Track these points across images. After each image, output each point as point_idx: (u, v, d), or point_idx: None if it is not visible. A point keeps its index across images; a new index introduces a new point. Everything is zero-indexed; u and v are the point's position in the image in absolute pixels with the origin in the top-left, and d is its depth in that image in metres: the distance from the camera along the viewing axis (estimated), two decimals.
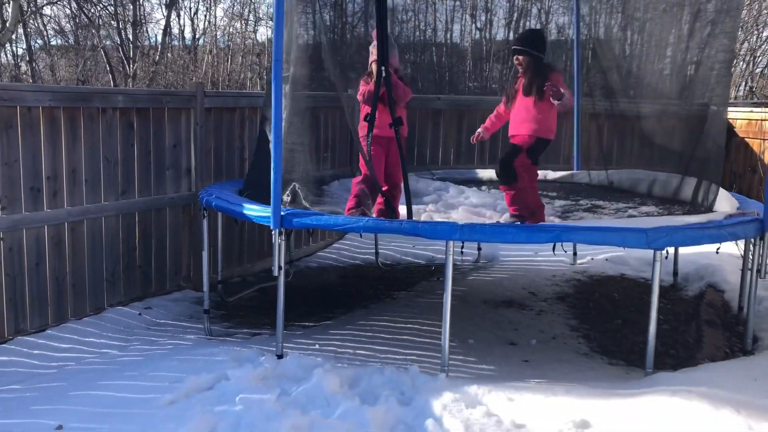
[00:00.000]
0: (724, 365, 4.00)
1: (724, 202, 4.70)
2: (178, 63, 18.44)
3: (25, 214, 4.58)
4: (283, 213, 4.04)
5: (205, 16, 24.43)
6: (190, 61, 18.71)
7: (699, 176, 5.03)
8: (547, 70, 4.74)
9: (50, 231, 4.76)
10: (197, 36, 20.58)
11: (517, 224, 4.57)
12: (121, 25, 17.37)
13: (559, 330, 5.00)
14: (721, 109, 4.93)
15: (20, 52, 19.13)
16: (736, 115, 7.70)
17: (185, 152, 5.77)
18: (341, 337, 4.71)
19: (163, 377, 3.80)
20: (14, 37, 15.79)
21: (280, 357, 4.06)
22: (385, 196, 4.77)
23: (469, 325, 4.99)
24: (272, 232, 4.04)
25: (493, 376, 4.02)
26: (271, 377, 3.68)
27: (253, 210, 4.28)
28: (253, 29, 20.24)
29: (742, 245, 4.67)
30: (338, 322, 5.14)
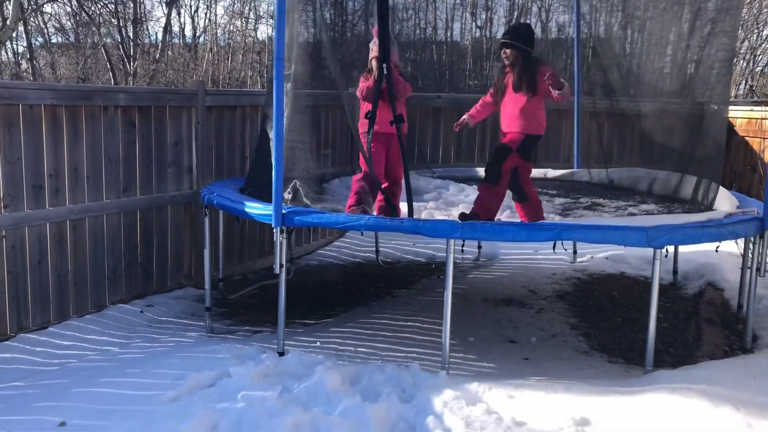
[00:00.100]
0: (724, 363, 4.01)
1: (724, 201, 4.71)
2: (179, 61, 18.43)
3: (28, 211, 4.59)
4: (284, 211, 4.05)
5: (206, 14, 24.41)
6: (191, 59, 18.70)
7: (699, 175, 5.04)
8: (535, 64, 4.73)
9: (52, 229, 4.77)
10: (198, 34, 20.59)
11: (518, 223, 4.59)
12: (121, 23, 17.36)
13: (559, 328, 5.02)
14: (722, 107, 4.94)
15: (21, 49, 19.15)
16: (737, 114, 7.71)
17: (187, 150, 5.78)
18: (342, 335, 4.73)
19: (165, 374, 3.82)
20: (15, 34, 15.79)
21: (282, 354, 4.08)
22: (385, 193, 4.79)
23: (469, 323, 5.01)
24: (273, 230, 4.05)
25: (494, 374, 4.04)
26: (273, 374, 3.69)
27: (255, 208, 4.29)
28: (254, 27, 20.25)
29: (742, 244, 4.68)
30: (339, 319, 5.16)
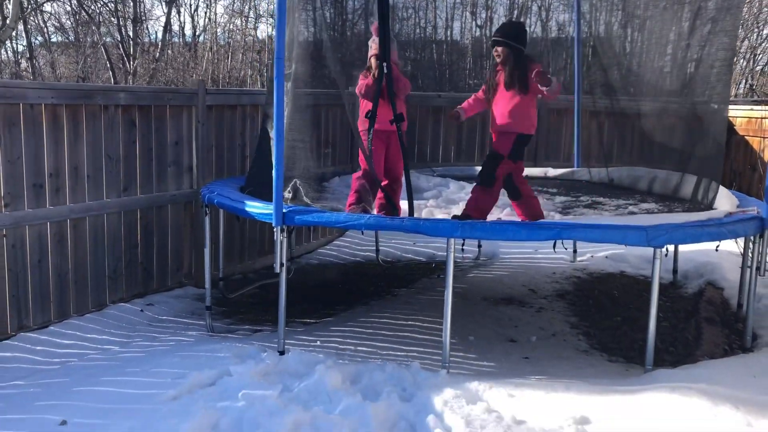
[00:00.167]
0: (724, 362, 4.01)
1: (724, 200, 4.72)
2: (179, 60, 18.43)
3: (28, 210, 4.60)
4: (285, 210, 4.05)
5: (206, 13, 24.41)
6: (191, 58, 18.70)
7: (699, 174, 5.04)
8: (527, 62, 4.73)
9: (53, 228, 4.78)
10: (197, 33, 20.59)
11: (518, 222, 4.59)
12: (121, 22, 17.37)
13: (559, 327, 5.02)
14: (722, 106, 4.94)
15: (20, 48, 19.16)
16: (737, 113, 7.71)
17: (187, 149, 5.78)
18: (342, 334, 4.74)
19: (166, 373, 3.82)
20: (14, 34, 15.78)
21: (282, 353, 4.08)
22: (385, 191, 4.79)
23: (469, 322, 5.02)
24: (274, 229, 4.05)
25: (494, 373, 4.05)
26: (273, 373, 3.70)
27: (256, 207, 4.30)
28: (254, 26, 20.25)
29: (742, 243, 4.68)
30: (339, 318, 5.16)
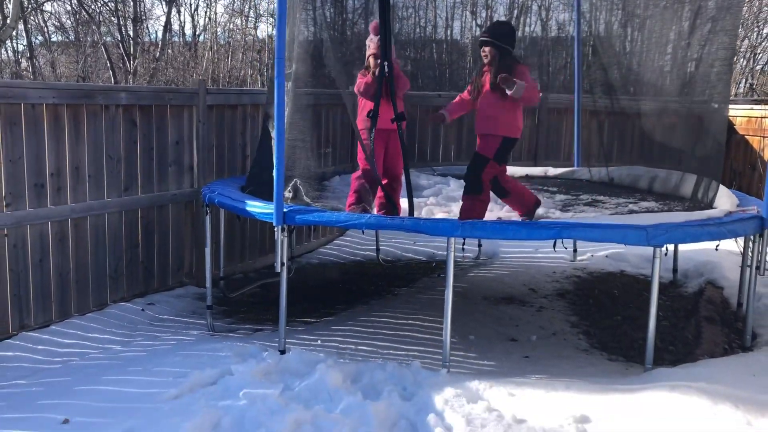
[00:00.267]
0: (723, 361, 4.02)
1: (724, 199, 4.73)
2: (179, 59, 18.43)
3: (29, 210, 4.61)
4: (285, 210, 4.06)
5: (206, 13, 24.43)
6: (191, 57, 18.70)
7: (699, 173, 5.05)
8: (513, 64, 4.73)
9: (54, 227, 4.79)
10: (198, 32, 20.59)
11: (519, 221, 4.60)
12: (121, 22, 17.37)
13: (559, 326, 5.04)
14: (722, 106, 4.95)
15: (21, 48, 19.16)
16: (737, 113, 7.72)
17: (188, 149, 5.79)
18: (343, 333, 4.75)
19: (167, 372, 3.83)
20: (15, 33, 15.79)
21: (283, 352, 4.09)
22: (385, 190, 4.79)
23: (469, 321, 5.03)
24: (275, 229, 4.06)
25: (494, 372, 4.06)
26: (275, 372, 3.71)
27: (256, 207, 4.31)
28: (254, 26, 20.24)
29: (742, 242, 4.69)
30: (340, 318, 5.17)
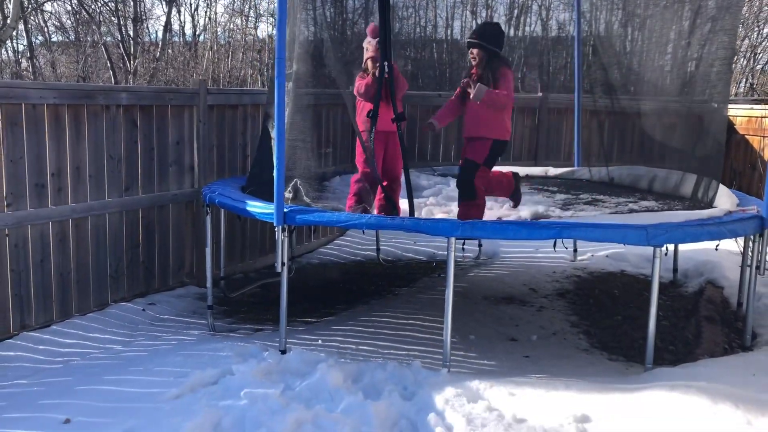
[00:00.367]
0: (723, 361, 4.03)
1: (724, 199, 4.73)
2: (179, 59, 18.42)
3: (30, 210, 4.61)
4: (286, 210, 4.07)
5: (206, 13, 24.45)
6: (191, 57, 18.70)
7: (699, 173, 5.06)
8: (499, 65, 4.72)
9: (55, 227, 4.79)
10: (198, 32, 20.59)
11: (519, 221, 4.60)
12: (121, 22, 17.37)
13: (559, 326, 5.04)
14: (722, 106, 4.96)
15: (21, 48, 19.17)
16: (737, 112, 7.72)
17: (188, 149, 5.80)
18: (344, 333, 4.75)
19: (168, 372, 3.84)
20: (15, 33, 15.80)
21: (284, 352, 4.10)
22: (385, 191, 4.80)
23: (470, 321, 5.03)
24: (275, 229, 4.07)
25: (495, 372, 4.06)
26: (275, 372, 3.71)
27: (257, 207, 4.31)
28: (254, 25, 20.24)
29: (742, 242, 4.70)
30: (340, 318, 5.18)
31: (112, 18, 17.48)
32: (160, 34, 18.54)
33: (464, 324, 4.91)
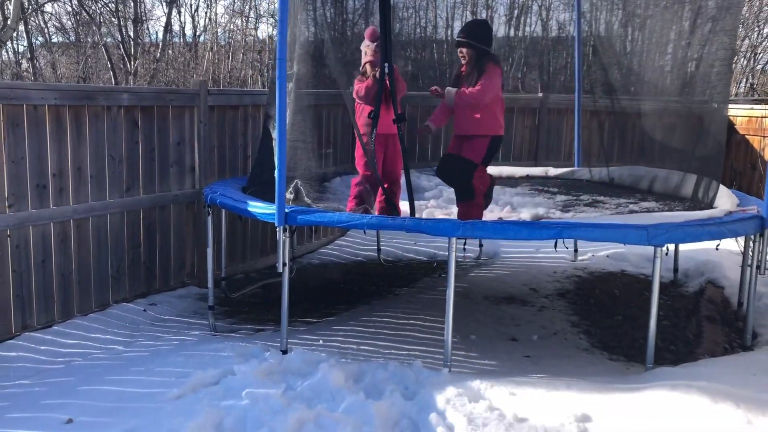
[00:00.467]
0: (724, 360, 4.04)
1: (725, 199, 4.74)
2: (179, 60, 18.44)
3: (32, 211, 4.62)
4: (287, 210, 4.07)
5: (206, 13, 24.44)
6: (191, 58, 18.71)
7: (699, 173, 5.07)
8: (487, 63, 4.73)
9: (56, 228, 4.80)
10: (198, 33, 20.60)
11: (520, 221, 4.61)
12: (122, 22, 17.38)
13: (560, 326, 5.05)
14: (722, 106, 4.97)
15: (21, 49, 19.18)
16: (737, 112, 7.73)
17: (189, 150, 5.81)
18: (345, 333, 4.76)
19: (170, 372, 3.85)
20: (15, 34, 15.81)
21: (285, 352, 4.10)
22: (386, 193, 4.80)
23: (471, 321, 5.04)
24: (277, 229, 4.07)
25: (495, 371, 4.07)
26: (277, 372, 3.72)
27: (258, 207, 4.32)
28: (254, 26, 20.27)
29: (742, 242, 4.70)
30: (341, 318, 5.18)
31: (113, 19, 17.50)
32: (161, 35, 18.58)
33: (465, 324, 4.92)
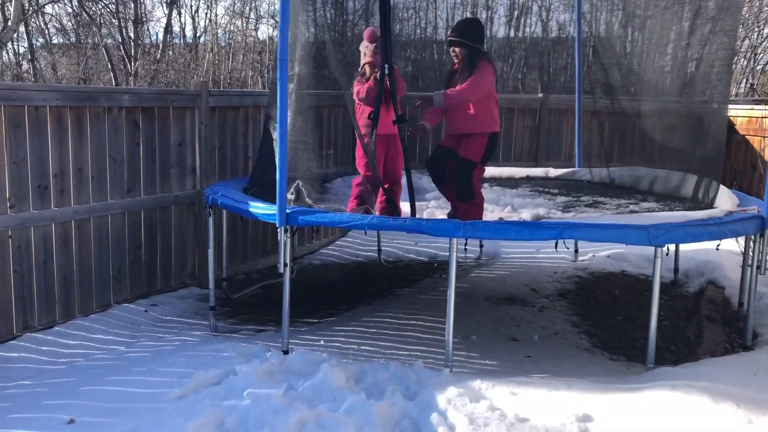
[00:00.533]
0: (724, 360, 4.04)
1: (725, 199, 4.74)
2: (180, 61, 18.46)
3: (33, 212, 4.63)
4: (288, 211, 4.08)
5: (206, 14, 24.45)
6: (192, 59, 18.73)
7: (700, 173, 5.07)
8: (479, 61, 4.72)
9: (57, 229, 4.81)
10: (198, 34, 20.63)
11: (521, 222, 4.62)
12: (122, 23, 17.41)
13: (560, 326, 5.05)
14: (722, 106, 4.98)
15: (22, 50, 19.20)
16: (737, 113, 7.74)
17: (190, 151, 5.81)
18: (346, 334, 4.76)
19: (171, 373, 3.85)
20: (16, 35, 15.82)
21: (286, 353, 4.11)
22: (386, 194, 4.81)
23: (471, 321, 5.05)
24: (278, 230, 4.08)
25: (496, 371, 4.07)
26: (278, 372, 3.72)
27: (259, 208, 4.32)
28: (254, 27, 20.29)
29: (743, 242, 4.71)
30: (342, 318, 5.19)
31: (113, 20, 17.52)
32: (161, 36, 18.60)
33: (466, 324, 4.92)
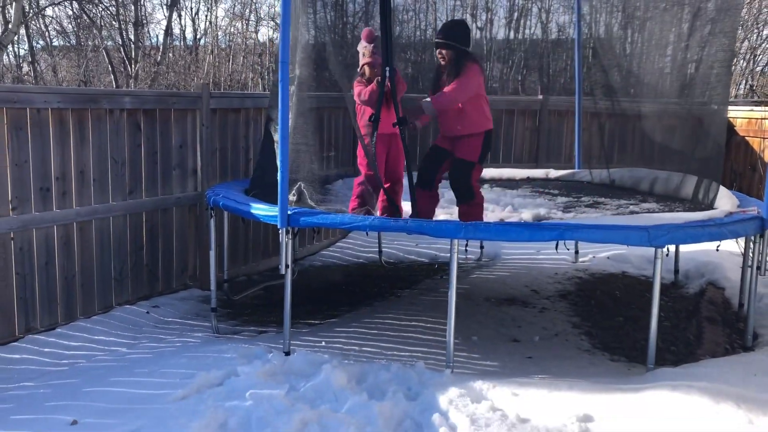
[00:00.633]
0: (725, 361, 4.05)
1: (725, 200, 4.76)
2: (180, 63, 18.47)
3: (35, 214, 4.64)
4: (290, 212, 4.10)
5: (206, 17, 24.46)
6: (192, 61, 18.75)
7: (699, 174, 5.09)
8: (466, 62, 4.73)
9: (59, 231, 4.82)
10: (198, 36, 20.65)
11: (522, 222, 4.63)
12: (122, 26, 17.43)
13: (561, 327, 5.06)
14: (721, 107, 4.99)
15: (22, 53, 19.23)
16: (737, 114, 7.75)
17: (191, 152, 5.83)
18: (347, 335, 4.78)
19: (174, 374, 3.86)
20: (16, 38, 15.85)
21: (288, 354, 4.12)
22: (387, 194, 4.83)
23: (472, 322, 5.06)
24: (279, 231, 4.10)
25: (498, 372, 4.09)
26: (280, 373, 3.74)
27: (261, 209, 4.34)
28: (255, 29, 20.31)
29: (743, 243, 4.72)
30: (343, 319, 5.20)
31: (113, 22, 17.55)
32: (161, 38, 18.63)
33: (467, 325, 4.93)
